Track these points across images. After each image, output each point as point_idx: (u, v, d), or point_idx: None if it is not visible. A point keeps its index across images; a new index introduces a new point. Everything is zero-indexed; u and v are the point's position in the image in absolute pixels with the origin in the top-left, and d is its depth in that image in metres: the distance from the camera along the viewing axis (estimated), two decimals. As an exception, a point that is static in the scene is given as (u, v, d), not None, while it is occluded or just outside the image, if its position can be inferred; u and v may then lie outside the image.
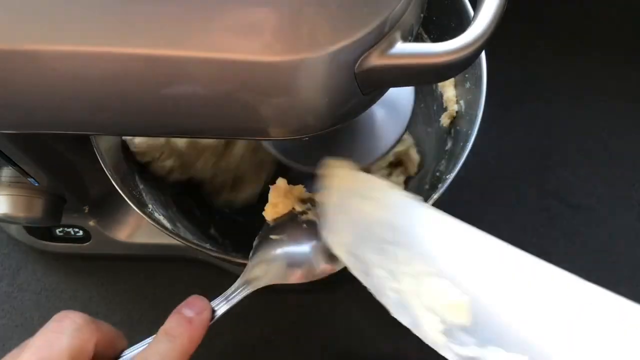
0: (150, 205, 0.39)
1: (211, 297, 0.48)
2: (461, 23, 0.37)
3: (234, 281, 0.48)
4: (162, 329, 0.28)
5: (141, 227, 0.47)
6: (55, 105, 0.24)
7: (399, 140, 0.37)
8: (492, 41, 0.22)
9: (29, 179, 0.38)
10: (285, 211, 0.33)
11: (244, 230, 0.43)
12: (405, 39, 0.23)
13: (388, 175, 0.45)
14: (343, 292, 0.49)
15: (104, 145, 0.36)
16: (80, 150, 0.39)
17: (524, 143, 0.53)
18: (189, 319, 0.28)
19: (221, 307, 0.30)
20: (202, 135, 0.32)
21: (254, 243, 0.33)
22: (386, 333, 0.48)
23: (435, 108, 0.44)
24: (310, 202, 0.33)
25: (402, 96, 0.37)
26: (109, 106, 0.24)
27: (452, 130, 0.42)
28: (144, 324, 0.48)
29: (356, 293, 0.49)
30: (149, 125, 0.26)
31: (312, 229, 0.32)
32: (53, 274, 0.50)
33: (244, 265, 0.37)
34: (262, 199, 0.35)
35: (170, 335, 0.27)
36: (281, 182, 0.33)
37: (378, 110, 0.37)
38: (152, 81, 0.22)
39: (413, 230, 0.27)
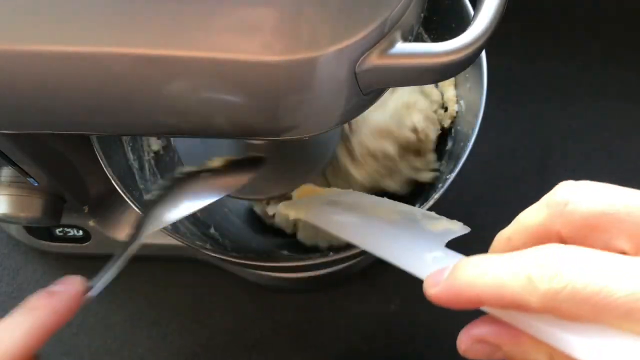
0: (150, 205, 0.39)
1: (212, 297, 0.49)
2: (461, 23, 0.37)
3: (234, 281, 0.49)
4: (20, 304, 0.26)
5: (141, 227, 0.47)
6: (55, 105, 0.24)
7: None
8: (492, 41, 0.22)
9: (28, 179, 0.38)
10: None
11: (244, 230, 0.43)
12: (405, 38, 0.23)
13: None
14: (343, 292, 0.49)
15: (103, 145, 0.36)
16: (80, 150, 0.39)
17: (524, 143, 0.53)
18: (51, 292, 0.26)
19: (101, 276, 0.28)
20: (201, 134, 0.32)
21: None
22: (386, 333, 0.48)
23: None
24: None
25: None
26: (108, 106, 0.24)
27: (452, 130, 0.42)
28: (144, 324, 0.48)
29: (356, 293, 0.49)
30: (148, 125, 0.26)
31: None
32: (53, 274, 0.50)
33: (244, 265, 0.37)
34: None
35: (27, 308, 0.25)
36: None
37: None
38: (151, 81, 0.22)
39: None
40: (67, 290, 0.26)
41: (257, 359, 0.47)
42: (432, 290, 0.21)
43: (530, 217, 0.22)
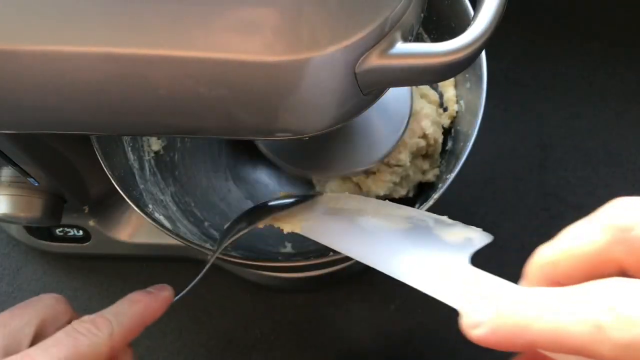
0: (150, 205, 0.39)
1: (215, 298, 0.49)
2: (461, 23, 0.37)
3: (234, 281, 0.49)
4: (123, 298, 0.31)
5: (141, 227, 0.47)
6: (56, 105, 0.24)
7: (395, 146, 0.37)
8: (493, 41, 0.22)
9: (29, 179, 0.38)
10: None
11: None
12: (405, 38, 0.23)
13: None
14: (343, 292, 0.49)
15: (103, 145, 0.36)
16: (80, 150, 0.39)
17: (524, 143, 0.53)
18: (148, 291, 0.32)
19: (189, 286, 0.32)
20: (202, 134, 0.32)
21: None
22: (386, 333, 0.48)
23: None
24: None
25: (399, 99, 0.37)
26: (109, 106, 0.24)
27: (452, 130, 0.42)
28: (144, 324, 0.48)
29: (356, 293, 0.49)
30: (149, 125, 0.26)
31: None
32: (53, 274, 0.50)
33: (244, 265, 0.37)
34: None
35: (129, 300, 0.30)
36: None
37: (374, 114, 0.37)
38: (153, 81, 0.22)
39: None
40: (162, 292, 0.32)
41: (257, 359, 0.47)
42: (476, 331, 0.18)
43: (584, 242, 0.18)
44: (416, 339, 0.47)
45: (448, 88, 0.42)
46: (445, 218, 0.27)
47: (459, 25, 0.38)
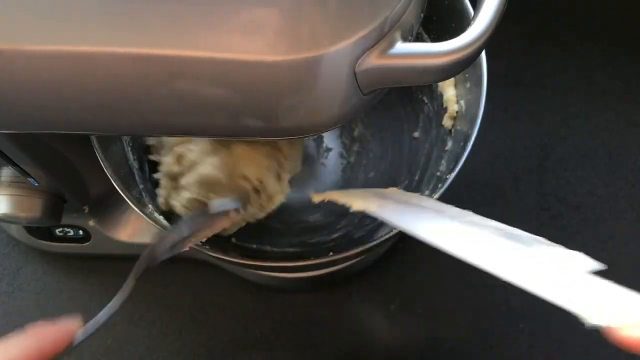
0: (150, 206, 0.39)
1: (215, 298, 0.49)
2: (461, 23, 0.37)
3: (234, 281, 0.49)
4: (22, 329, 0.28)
5: (141, 227, 0.47)
6: (56, 105, 0.24)
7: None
8: (493, 41, 0.22)
9: (29, 179, 0.38)
10: None
11: (244, 230, 0.43)
12: (405, 38, 0.23)
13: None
14: (343, 292, 0.49)
15: (103, 145, 0.36)
16: (80, 150, 0.39)
17: (523, 143, 0.53)
18: (51, 322, 0.28)
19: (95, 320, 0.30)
20: (202, 135, 0.32)
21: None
22: (386, 333, 0.48)
23: (435, 108, 0.44)
24: None
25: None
26: (110, 106, 0.24)
27: (452, 131, 0.42)
28: (144, 324, 0.48)
29: (356, 293, 0.49)
30: (149, 125, 0.26)
31: None
32: (53, 274, 0.50)
33: (244, 265, 0.37)
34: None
35: (25, 332, 0.27)
36: None
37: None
38: (154, 81, 0.22)
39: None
40: (64, 324, 0.28)
41: (257, 359, 0.47)
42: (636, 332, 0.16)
43: None
44: (416, 339, 0.47)
45: (448, 88, 0.42)
46: (543, 239, 0.25)
47: (459, 25, 0.38)
